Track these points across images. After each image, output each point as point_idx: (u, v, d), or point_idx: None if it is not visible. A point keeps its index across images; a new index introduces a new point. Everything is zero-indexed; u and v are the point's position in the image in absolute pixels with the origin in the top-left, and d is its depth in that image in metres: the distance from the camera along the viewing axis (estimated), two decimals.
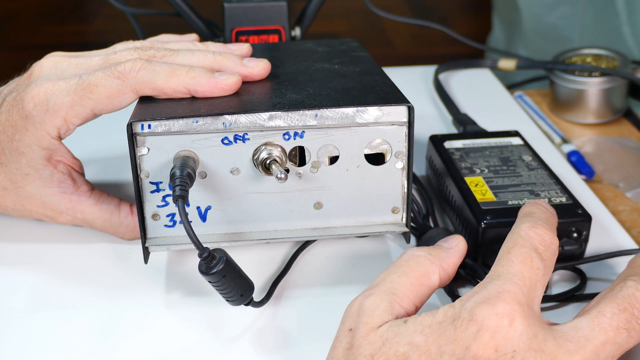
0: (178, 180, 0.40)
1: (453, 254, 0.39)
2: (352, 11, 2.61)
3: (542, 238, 0.37)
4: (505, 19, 1.56)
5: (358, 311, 0.35)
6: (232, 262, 0.40)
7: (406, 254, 0.38)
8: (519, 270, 0.34)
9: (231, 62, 0.47)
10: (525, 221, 0.38)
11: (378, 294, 0.35)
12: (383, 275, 0.37)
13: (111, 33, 2.13)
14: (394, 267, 0.37)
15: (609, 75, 0.69)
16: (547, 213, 0.40)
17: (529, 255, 0.35)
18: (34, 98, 0.45)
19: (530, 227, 0.37)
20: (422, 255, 0.38)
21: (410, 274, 0.37)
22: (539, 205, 0.41)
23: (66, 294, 0.46)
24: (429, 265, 0.37)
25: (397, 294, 0.35)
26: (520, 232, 0.37)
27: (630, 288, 0.35)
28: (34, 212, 0.50)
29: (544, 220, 0.38)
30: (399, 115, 0.44)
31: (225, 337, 0.43)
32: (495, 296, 0.32)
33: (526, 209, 0.41)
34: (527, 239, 0.36)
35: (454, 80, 0.79)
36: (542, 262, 0.35)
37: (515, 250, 0.36)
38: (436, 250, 0.39)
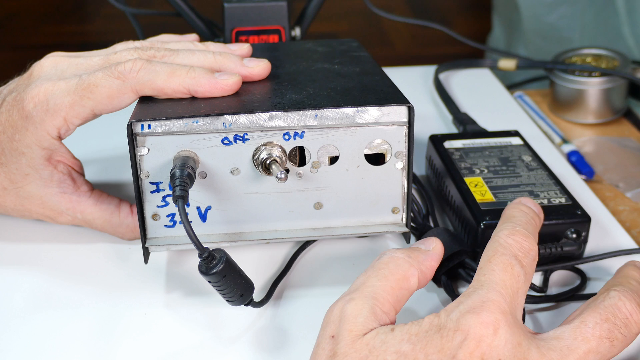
0: (178, 180, 0.40)
1: (431, 256, 0.39)
2: (352, 11, 2.61)
3: (520, 245, 0.37)
4: (505, 19, 1.56)
5: (340, 317, 0.35)
6: (232, 262, 0.40)
7: (385, 256, 0.38)
8: (500, 279, 0.35)
9: (231, 62, 0.47)
10: (504, 228, 0.38)
11: (359, 299, 0.35)
12: (362, 278, 0.37)
13: (111, 33, 2.13)
14: (373, 270, 0.37)
15: (609, 75, 0.69)
16: (527, 216, 0.40)
17: (510, 263, 0.36)
18: (34, 98, 0.45)
19: (508, 234, 0.37)
20: (402, 257, 0.38)
21: (390, 277, 0.36)
22: (521, 206, 0.41)
23: (66, 294, 0.46)
24: (408, 268, 0.37)
25: (378, 298, 0.35)
26: (499, 240, 0.37)
27: (613, 298, 0.36)
28: (34, 212, 0.50)
29: (523, 225, 0.39)
30: (399, 115, 0.44)
31: (225, 337, 0.43)
32: (479, 306, 0.33)
33: (508, 211, 0.41)
34: (507, 247, 0.37)
35: (454, 80, 0.79)
36: (522, 269, 0.36)
37: (496, 258, 0.36)
38: (414, 252, 0.39)
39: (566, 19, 1.25)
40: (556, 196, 0.49)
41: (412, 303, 0.45)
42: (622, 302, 0.35)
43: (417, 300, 0.45)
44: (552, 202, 0.48)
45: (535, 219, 0.41)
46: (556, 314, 0.44)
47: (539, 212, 0.42)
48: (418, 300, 0.45)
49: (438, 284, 0.46)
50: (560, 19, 1.26)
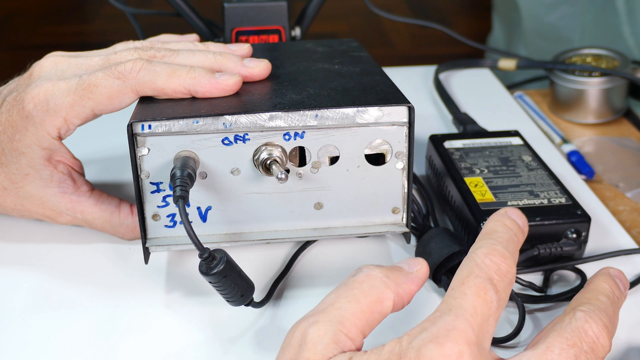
0: (178, 180, 0.40)
1: (412, 279, 0.36)
2: (352, 11, 2.61)
3: (498, 267, 0.34)
4: (505, 19, 1.56)
5: (300, 341, 0.32)
6: (233, 262, 0.40)
7: (361, 273, 0.35)
8: (471, 305, 0.32)
9: (232, 63, 0.47)
10: (482, 245, 0.35)
11: (323, 323, 0.32)
12: (332, 297, 0.34)
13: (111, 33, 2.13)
14: (345, 289, 0.34)
15: (609, 75, 0.69)
16: (510, 232, 0.36)
17: (484, 287, 0.33)
18: (34, 98, 0.45)
19: (486, 253, 0.34)
20: (378, 277, 0.34)
21: (362, 299, 0.33)
22: (506, 219, 0.38)
23: (66, 294, 0.46)
24: (384, 290, 0.34)
25: (344, 323, 0.32)
26: (476, 259, 0.34)
27: (579, 320, 0.34)
28: (34, 212, 0.50)
29: (504, 244, 0.35)
30: (400, 115, 0.44)
31: (225, 337, 0.43)
32: (444, 335, 0.30)
33: (490, 224, 0.37)
34: (483, 268, 0.34)
35: (454, 80, 0.79)
36: (496, 295, 0.33)
37: (470, 280, 0.33)
38: (394, 273, 0.35)
39: (566, 19, 1.25)
40: (556, 196, 0.49)
41: (413, 304, 0.45)
42: (589, 325, 0.34)
43: (418, 300, 0.45)
44: (552, 202, 0.48)
45: (518, 235, 0.37)
46: (556, 314, 0.44)
47: (523, 226, 0.38)
48: (418, 301, 0.45)
49: (438, 284, 0.46)
50: (560, 19, 1.26)
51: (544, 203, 0.48)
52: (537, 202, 0.48)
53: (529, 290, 0.46)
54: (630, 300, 0.45)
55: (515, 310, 0.44)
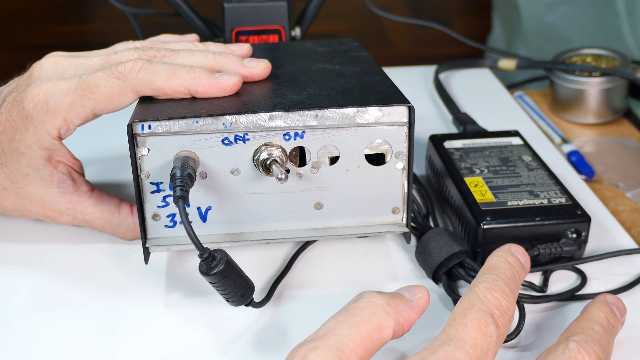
0: (178, 180, 0.40)
1: (413, 308, 0.36)
2: (352, 11, 2.61)
3: (499, 303, 0.35)
4: (505, 19, 1.56)
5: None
6: (233, 262, 0.40)
7: (362, 300, 0.35)
8: (472, 337, 0.33)
9: (232, 63, 0.47)
10: (485, 280, 0.36)
11: (323, 349, 0.32)
12: (332, 323, 0.34)
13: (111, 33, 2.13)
14: (346, 316, 0.34)
15: (609, 75, 0.69)
16: (512, 270, 0.38)
17: (485, 321, 0.34)
18: (34, 98, 0.45)
19: (489, 288, 0.35)
20: (380, 305, 0.35)
21: (362, 327, 0.33)
22: (509, 256, 0.39)
23: (66, 294, 0.46)
24: (385, 317, 0.34)
25: (344, 350, 0.32)
26: (478, 293, 0.35)
27: (572, 351, 0.34)
28: (34, 212, 0.50)
29: (506, 280, 0.37)
30: (400, 115, 0.44)
31: (225, 337, 0.43)
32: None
33: (493, 259, 0.39)
34: (485, 302, 0.35)
35: (454, 80, 0.79)
36: (496, 330, 0.34)
37: (472, 313, 0.34)
38: (396, 300, 0.36)
39: (566, 19, 1.25)
40: (556, 196, 0.49)
41: None
42: (582, 356, 0.34)
43: None
44: (552, 202, 0.48)
45: (520, 273, 0.38)
46: (556, 314, 0.44)
47: (525, 263, 0.40)
48: None
49: (438, 284, 0.46)
50: (560, 19, 1.26)
51: (544, 203, 0.48)
52: (537, 202, 0.48)
53: (529, 290, 0.46)
54: (630, 301, 0.45)
55: (515, 310, 0.44)
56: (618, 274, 0.47)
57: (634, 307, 0.44)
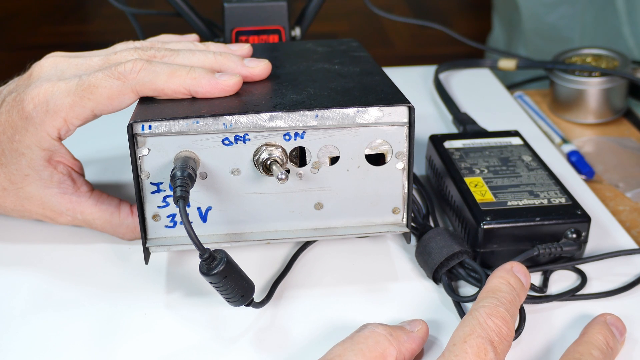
0: (179, 181, 0.40)
1: (414, 339, 0.38)
2: (352, 11, 2.61)
3: (499, 329, 0.35)
4: (505, 19, 1.56)
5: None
6: (233, 262, 0.40)
7: (366, 330, 0.37)
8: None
9: (232, 63, 0.47)
10: (486, 305, 0.37)
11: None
12: (339, 349, 0.36)
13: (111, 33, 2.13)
14: (351, 344, 0.36)
15: (609, 75, 0.69)
16: (513, 292, 0.38)
17: (484, 348, 0.34)
18: (34, 99, 0.45)
19: (489, 314, 0.36)
20: (383, 334, 0.37)
21: (367, 354, 0.35)
22: (510, 277, 0.39)
23: (66, 295, 0.46)
24: (388, 346, 0.36)
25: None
26: (479, 319, 0.36)
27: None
28: (33, 212, 0.50)
29: (507, 305, 0.37)
30: (400, 115, 0.44)
31: (225, 337, 0.43)
32: None
33: (494, 281, 0.39)
34: (485, 329, 0.35)
35: (454, 80, 0.79)
36: (495, 357, 0.34)
37: (471, 340, 0.35)
38: (397, 331, 0.37)
39: (566, 19, 1.25)
40: (556, 196, 0.49)
41: (413, 304, 0.45)
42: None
43: (418, 299, 0.45)
44: (552, 202, 0.48)
45: (521, 295, 0.39)
46: (556, 314, 0.44)
47: (526, 283, 0.40)
48: (419, 300, 0.45)
49: (438, 284, 0.46)
50: (560, 19, 1.26)
51: (544, 203, 0.48)
52: (537, 202, 0.48)
53: (529, 290, 0.46)
54: (630, 301, 0.45)
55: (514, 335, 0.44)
56: (618, 274, 0.47)
57: (634, 307, 0.44)
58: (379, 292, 0.46)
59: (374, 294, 0.46)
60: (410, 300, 0.45)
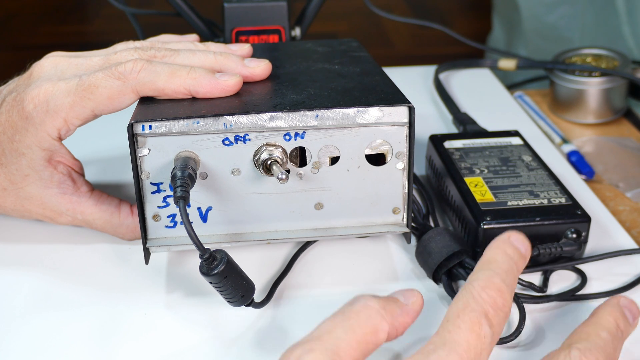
0: (179, 181, 0.40)
1: (407, 312, 0.36)
2: (352, 11, 2.61)
3: (494, 301, 0.34)
4: (505, 19, 1.56)
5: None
6: (233, 263, 0.40)
7: (358, 304, 0.35)
8: (465, 339, 0.32)
9: (232, 63, 0.47)
10: (480, 277, 0.35)
11: (319, 352, 0.32)
12: (329, 325, 0.34)
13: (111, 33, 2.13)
14: (342, 318, 0.34)
15: (609, 75, 0.69)
16: (510, 262, 0.36)
17: (478, 322, 0.33)
18: (34, 99, 0.45)
19: (483, 286, 0.34)
20: (375, 309, 0.35)
21: (358, 330, 0.34)
22: (508, 247, 0.37)
23: (66, 295, 0.46)
24: (380, 321, 0.34)
25: (339, 353, 0.33)
26: (472, 292, 0.34)
27: (574, 358, 0.34)
28: (33, 212, 0.50)
29: (503, 275, 0.35)
30: (400, 115, 0.44)
31: (225, 337, 0.43)
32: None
33: (490, 252, 0.37)
34: (479, 301, 0.34)
35: (454, 80, 0.79)
36: (490, 330, 0.33)
37: (465, 314, 0.33)
38: (390, 305, 0.36)
39: (566, 19, 1.25)
40: (556, 196, 0.49)
41: None
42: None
43: None
44: (552, 202, 0.48)
45: (518, 264, 0.37)
46: (556, 314, 0.44)
47: (525, 252, 0.38)
48: None
49: (438, 284, 0.46)
50: (560, 19, 1.26)
51: (544, 203, 0.48)
52: (537, 202, 0.48)
53: (529, 290, 0.46)
54: None
55: (515, 310, 0.44)
56: (618, 274, 0.47)
57: None
58: (379, 292, 0.46)
59: (374, 294, 0.45)
60: None
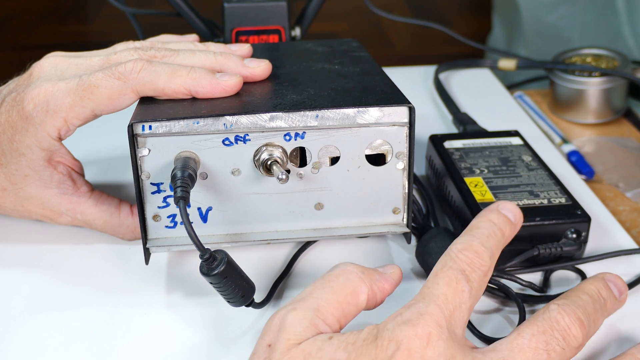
0: (179, 181, 0.40)
1: (386, 278, 0.38)
2: (352, 11, 2.61)
3: (470, 260, 0.36)
4: (505, 19, 1.56)
5: (279, 326, 0.34)
6: (234, 263, 0.40)
7: (337, 269, 0.37)
8: (442, 293, 0.34)
9: (232, 63, 0.47)
10: (459, 241, 0.37)
11: (301, 309, 0.34)
12: (309, 289, 0.36)
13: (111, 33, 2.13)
14: (321, 281, 0.36)
15: (609, 75, 0.69)
16: (493, 227, 0.38)
17: (455, 277, 0.35)
18: (34, 99, 0.45)
19: (461, 249, 0.36)
20: (354, 272, 0.37)
21: (338, 290, 0.36)
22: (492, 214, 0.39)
23: (66, 295, 0.46)
24: (359, 283, 0.36)
25: (321, 310, 0.34)
26: (450, 254, 0.36)
27: (552, 311, 0.35)
28: (33, 212, 0.50)
29: (482, 240, 0.37)
30: (400, 115, 0.44)
31: (226, 337, 0.43)
32: (416, 317, 0.33)
33: (474, 221, 0.39)
34: (456, 260, 0.36)
35: (454, 80, 0.79)
36: (467, 284, 0.35)
37: (443, 272, 0.35)
38: (369, 270, 0.38)
39: (566, 19, 1.25)
40: (556, 196, 0.49)
41: None
42: (561, 316, 0.35)
43: None
44: (552, 202, 0.48)
45: (504, 230, 0.38)
46: None
47: (514, 219, 0.39)
48: None
49: None
50: (560, 19, 1.26)
51: (544, 203, 0.48)
52: (537, 202, 0.48)
53: (529, 290, 0.46)
54: (630, 301, 0.45)
55: (515, 310, 0.44)
56: (618, 274, 0.47)
57: (634, 307, 0.44)
58: None
59: None
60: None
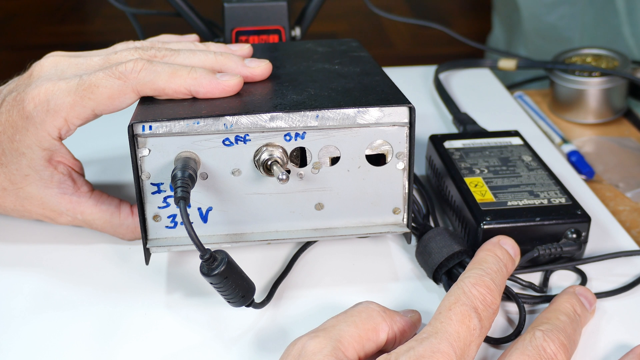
0: (180, 181, 0.40)
1: (407, 321, 0.39)
2: (352, 11, 2.61)
3: (483, 297, 0.37)
4: (505, 19, 1.56)
5: (300, 352, 0.35)
6: (234, 263, 0.40)
7: (361, 305, 0.38)
8: (455, 330, 0.35)
9: (233, 63, 0.47)
10: (471, 275, 0.38)
11: (324, 338, 0.35)
12: (333, 321, 0.37)
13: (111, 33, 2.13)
14: (345, 316, 0.37)
15: (609, 75, 0.69)
16: (499, 263, 0.40)
17: (468, 315, 0.36)
18: (35, 98, 0.45)
19: (474, 283, 0.38)
20: (376, 310, 0.38)
21: (360, 325, 0.36)
22: (497, 249, 0.41)
23: (67, 295, 0.46)
24: (381, 321, 0.37)
25: (342, 342, 0.35)
26: (464, 288, 0.37)
27: (538, 339, 0.36)
28: (34, 212, 0.50)
29: (492, 275, 0.39)
30: (400, 116, 0.44)
31: (226, 338, 0.43)
32: (429, 355, 0.33)
33: (481, 254, 0.41)
34: (469, 297, 0.37)
35: (454, 80, 0.79)
36: (479, 323, 0.36)
37: (456, 307, 0.36)
38: (391, 311, 0.39)
39: (566, 19, 1.25)
40: (556, 196, 0.49)
41: (413, 304, 0.45)
42: (547, 343, 0.36)
43: (418, 299, 0.45)
44: (552, 202, 0.48)
45: (508, 266, 0.41)
46: None
47: (515, 255, 0.42)
48: (419, 300, 0.45)
49: (438, 284, 0.46)
50: (560, 19, 1.26)
51: (544, 203, 0.48)
52: (537, 202, 0.48)
53: (529, 290, 0.46)
54: (630, 301, 0.45)
55: (515, 310, 0.44)
56: (618, 275, 0.47)
57: (634, 307, 0.44)
58: (379, 292, 0.46)
59: (374, 294, 0.46)
60: (411, 300, 0.45)
